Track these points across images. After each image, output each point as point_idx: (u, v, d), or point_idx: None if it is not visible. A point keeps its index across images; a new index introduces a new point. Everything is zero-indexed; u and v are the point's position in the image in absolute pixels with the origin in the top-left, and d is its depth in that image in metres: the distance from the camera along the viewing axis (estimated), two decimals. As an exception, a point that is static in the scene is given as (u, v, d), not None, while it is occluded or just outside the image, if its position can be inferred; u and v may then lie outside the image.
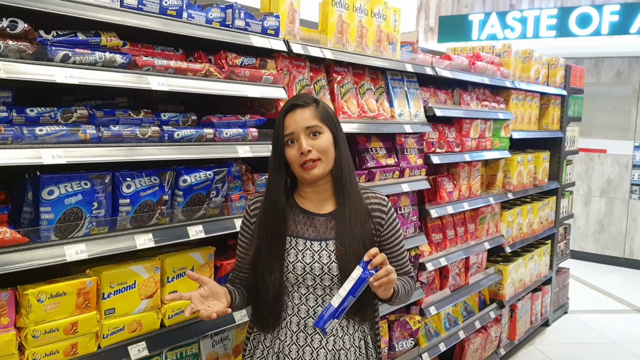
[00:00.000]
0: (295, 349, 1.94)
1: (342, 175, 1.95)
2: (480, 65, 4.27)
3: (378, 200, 2.03)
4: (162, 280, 2.23)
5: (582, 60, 8.42)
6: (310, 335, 1.94)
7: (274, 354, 1.97)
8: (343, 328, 1.96)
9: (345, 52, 2.96)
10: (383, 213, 2.01)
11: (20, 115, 1.80)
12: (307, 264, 1.92)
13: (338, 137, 1.95)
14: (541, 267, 5.47)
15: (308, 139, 1.88)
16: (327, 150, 1.90)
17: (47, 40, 1.82)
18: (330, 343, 1.93)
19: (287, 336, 1.95)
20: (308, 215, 1.98)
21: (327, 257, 1.92)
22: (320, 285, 1.93)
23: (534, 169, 5.22)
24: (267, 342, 2.00)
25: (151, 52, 2.20)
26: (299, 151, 1.87)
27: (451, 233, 3.99)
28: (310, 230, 1.96)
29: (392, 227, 2.03)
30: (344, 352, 1.94)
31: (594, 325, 5.86)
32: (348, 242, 1.89)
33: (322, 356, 1.92)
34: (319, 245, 1.94)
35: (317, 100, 1.97)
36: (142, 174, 2.13)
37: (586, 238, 8.61)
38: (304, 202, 2.00)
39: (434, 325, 3.93)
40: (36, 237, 1.86)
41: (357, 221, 1.93)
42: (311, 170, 1.88)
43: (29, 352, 1.83)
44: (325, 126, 1.91)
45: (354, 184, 1.98)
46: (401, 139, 3.48)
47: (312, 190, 1.98)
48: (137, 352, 2.08)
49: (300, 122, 1.89)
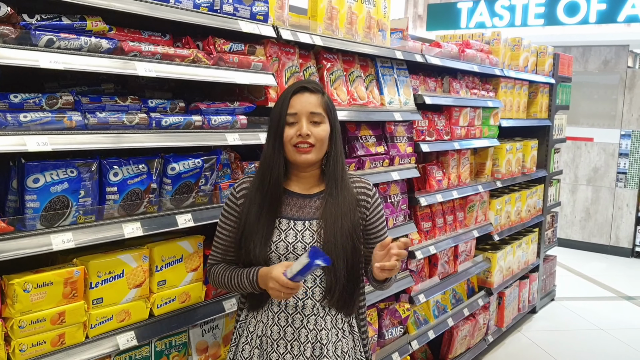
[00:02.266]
0: (277, 329, 1.96)
1: (336, 169, 1.99)
2: (470, 52, 4.25)
3: (364, 185, 2.09)
4: (151, 269, 2.20)
5: (570, 48, 8.44)
6: (291, 315, 1.96)
7: (257, 338, 1.99)
8: (325, 308, 1.97)
9: (335, 38, 2.93)
10: (369, 197, 2.07)
11: (3, 102, 1.76)
12: (289, 244, 1.94)
13: (335, 130, 2.00)
14: (529, 255, 5.50)
15: (309, 124, 1.92)
16: (324, 140, 1.95)
17: (30, 25, 1.77)
18: (311, 323, 1.95)
19: (269, 318, 1.98)
20: (292, 196, 2.01)
21: (310, 236, 1.95)
22: None
23: (523, 157, 5.24)
24: (250, 328, 2.02)
25: (138, 37, 2.15)
26: (297, 132, 1.91)
27: (440, 221, 3.99)
28: (294, 210, 1.99)
29: (377, 211, 2.08)
30: (325, 332, 1.96)
31: (580, 312, 5.91)
32: (334, 229, 1.92)
33: (304, 336, 1.95)
34: (302, 225, 1.96)
35: (324, 90, 2.01)
36: (129, 161, 2.09)
37: (573, 226, 8.67)
38: (290, 184, 2.03)
39: (423, 313, 3.94)
40: (21, 226, 1.82)
41: (346, 212, 1.96)
42: (304, 155, 1.92)
43: (15, 343, 1.80)
44: (327, 117, 1.96)
45: (346, 179, 2.02)
46: (391, 127, 3.46)
47: (301, 174, 2.01)
48: (125, 341, 2.06)
49: (306, 105, 1.93)
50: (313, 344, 1.95)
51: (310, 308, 1.96)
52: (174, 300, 2.26)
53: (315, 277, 1.96)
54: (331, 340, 1.97)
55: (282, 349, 1.95)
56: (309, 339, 1.95)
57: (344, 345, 2.00)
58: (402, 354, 3.54)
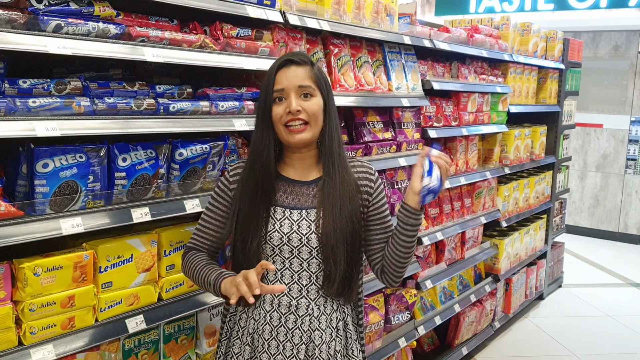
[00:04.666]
0: (269, 329, 1.83)
1: (332, 146, 1.82)
2: (479, 38, 4.22)
3: (365, 169, 1.93)
4: (160, 254, 2.22)
5: (580, 33, 8.36)
6: (284, 315, 1.83)
7: (248, 334, 1.87)
8: (320, 307, 1.85)
9: (343, 23, 2.92)
10: (371, 182, 1.91)
11: (12, 87, 1.77)
12: (284, 234, 1.80)
13: (329, 104, 1.83)
14: (536, 242, 5.50)
15: (299, 99, 1.77)
16: (317, 115, 1.79)
17: (38, 10, 1.78)
18: (305, 323, 1.83)
19: (260, 316, 1.85)
20: (289, 183, 1.86)
21: (307, 227, 1.80)
22: (298, 259, 1.82)
23: (531, 144, 5.21)
24: (242, 323, 1.91)
25: (145, 22, 2.16)
26: (286, 110, 1.76)
27: (447, 207, 3.99)
28: (290, 198, 1.84)
29: (381, 196, 1.93)
30: (318, 333, 1.84)
31: (587, 298, 5.91)
32: (333, 213, 1.78)
33: (297, 337, 1.82)
34: (298, 215, 1.82)
35: (312, 61, 1.85)
36: (137, 147, 2.11)
37: (581, 212, 8.64)
38: (286, 169, 1.88)
39: (430, 299, 3.95)
40: (31, 211, 1.84)
41: (345, 194, 1.81)
42: (297, 134, 1.77)
43: (26, 326, 1.82)
44: (318, 89, 1.80)
45: (343, 157, 1.87)
46: (398, 112, 3.45)
47: (296, 157, 1.86)
48: (134, 325, 2.08)
49: (293, 79, 1.77)
50: (307, 344, 1.83)
51: (304, 308, 1.83)
52: (182, 285, 2.28)
53: (310, 274, 1.83)
54: (325, 341, 1.84)
55: (274, 349, 1.82)
56: (302, 340, 1.82)
57: (337, 345, 1.88)
58: (408, 339, 3.56)
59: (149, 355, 2.22)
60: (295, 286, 1.83)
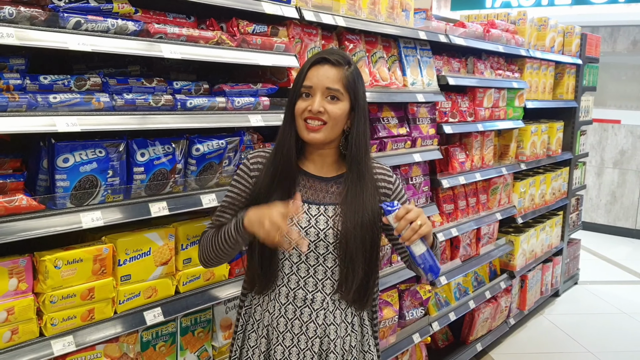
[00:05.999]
0: (284, 321, 1.85)
1: (359, 152, 1.81)
2: (495, 33, 4.20)
3: (383, 171, 1.93)
4: (177, 248, 2.25)
5: (598, 28, 8.27)
6: (299, 309, 1.84)
7: (264, 327, 1.89)
8: (335, 302, 1.86)
9: (358, 19, 2.92)
10: (390, 184, 1.92)
11: (34, 83, 1.81)
12: (302, 228, 1.80)
13: (358, 108, 1.81)
14: (552, 238, 5.47)
15: (324, 100, 1.77)
16: (337, 119, 1.78)
17: (59, 7, 1.81)
18: (320, 317, 1.84)
19: (275, 308, 1.86)
20: (308, 178, 1.86)
21: (325, 222, 1.81)
22: (314, 253, 1.82)
23: (548, 140, 5.18)
24: (257, 316, 1.92)
25: (163, 19, 2.18)
26: (308, 107, 1.76)
27: (462, 203, 3.99)
28: (310, 192, 1.85)
29: (400, 197, 1.93)
30: (333, 327, 1.85)
31: (603, 295, 5.87)
32: (354, 214, 1.78)
33: (312, 330, 1.84)
34: (316, 210, 1.83)
35: (350, 61, 1.82)
36: (155, 142, 2.13)
37: (598, 209, 8.57)
38: (306, 164, 1.88)
39: (444, 295, 3.95)
40: (52, 205, 1.88)
41: (367, 198, 1.81)
42: (312, 133, 1.77)
43: (47, 317, 1.86)
44: (346, 94, 1.79)
45: (369, 161, 1.86)
46: (413, 108, 3.45)
47: (316, 153, 1.87)
48: (152, 317, 2.11)
49: (322, 79, 1.76)
50: (321, 338, 1.84)
51: (319, 302, 1.84)
52: (199, 278, 2.31)
53: (326, 268, 1.84)
54: (339, 335, 1.86)
55: (288, 342, 1.84)
56: (317, 334, 1.83)
57: (352, 340, 1.89)
58: (422, 335, 3.57)
59: (166, 347, 2.25)
60: (311, 280, 1.84)
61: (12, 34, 1.67)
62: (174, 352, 2.28)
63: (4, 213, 1.73)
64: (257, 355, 1.89)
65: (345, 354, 1.88)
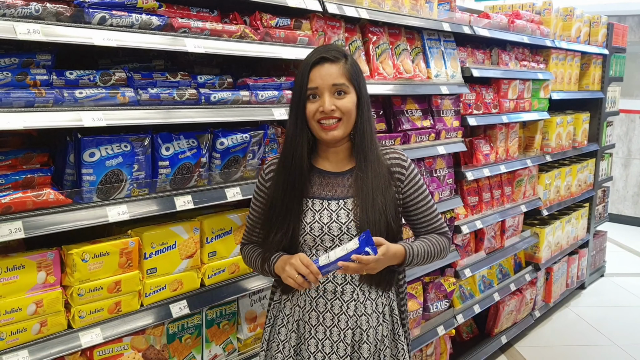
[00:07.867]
0: (315, 315, 1.88)
1: (364, 140, 1.84)
2: (520, 23, 4.14)
3: (397, 155, 1.94)
4: (202, 241, 2.26)
5: (625, 18, 8.11)
6: (330, 301, 1.87)
7: (294, 321, 1.92)
8: (364, 293, 1.88)
9: (381, 11, 2.90)
10: (403, 168, 1.91)
11: (60, 78, 1.82)
12: (324, 224, 1.83)
13: (362, 98, 1.84)
14: (578, 230, 5.39)
15: (332, 97, 1.78)
16: (350, 112, 1.80)
17: (84, 3, 1.82)
18: (351, 309, 1.87)
19: (306, 302, 1.89)
20: (324, 175, 1.89)
21: (346, 216, 1.83)
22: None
23: (573, 131, 5.10)
24: (286, 310, 1.95)
25: (187, 13, 2.19)
26: (319, 108, 1.78)
27: (487, 196, 3.95)
28: (327, 189, 1.87)
29: (414, 182, 1.93)
30: (365, 318, 1.88)
31: (630, 288, 5.78)
32: (365, 200, 1.80)
33: (344, 322, 1.86)
34: (336, 205, 1.85)
35: (346, 54, 1.84)
36: (180, 136, 2.15)
37: (625, 201, 8.43)
38: (321, 162, 1.91)
39: (469, 288, 3.93)
40: (79, 199, 1.90)
41: (378, 187, 1.82)
42: (330, 131, 1.79)
43: (75, 310, 1.89)
44: (351, 86, 1.80)
45: (375, 149, 1.87)
46: (437, 100, 3.42)
47: (331, 151, 1.89)
48: (178, 310, 2.13)
49: (327, 78, 1.77)
50: (353, 329, 1.87)
51: (349, 294, 1.86)
52: (224, 271, 2.32)
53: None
54: (372, 326, 1.89)
55: (321, 334, 1.87)
56: (349, 325, 1.86)
57: (384, 330, 1.92)
58: (447, 327, 3.55)
59: (192, 339, 2.27)
60: (339, 273, 1.85)
61: (39, 30, 1.68)
62: (199, 345, 2.30)
63: (32, 207, 1.76)
64: (288, 349, 1.92)
65: (377, 344, 1.91)
